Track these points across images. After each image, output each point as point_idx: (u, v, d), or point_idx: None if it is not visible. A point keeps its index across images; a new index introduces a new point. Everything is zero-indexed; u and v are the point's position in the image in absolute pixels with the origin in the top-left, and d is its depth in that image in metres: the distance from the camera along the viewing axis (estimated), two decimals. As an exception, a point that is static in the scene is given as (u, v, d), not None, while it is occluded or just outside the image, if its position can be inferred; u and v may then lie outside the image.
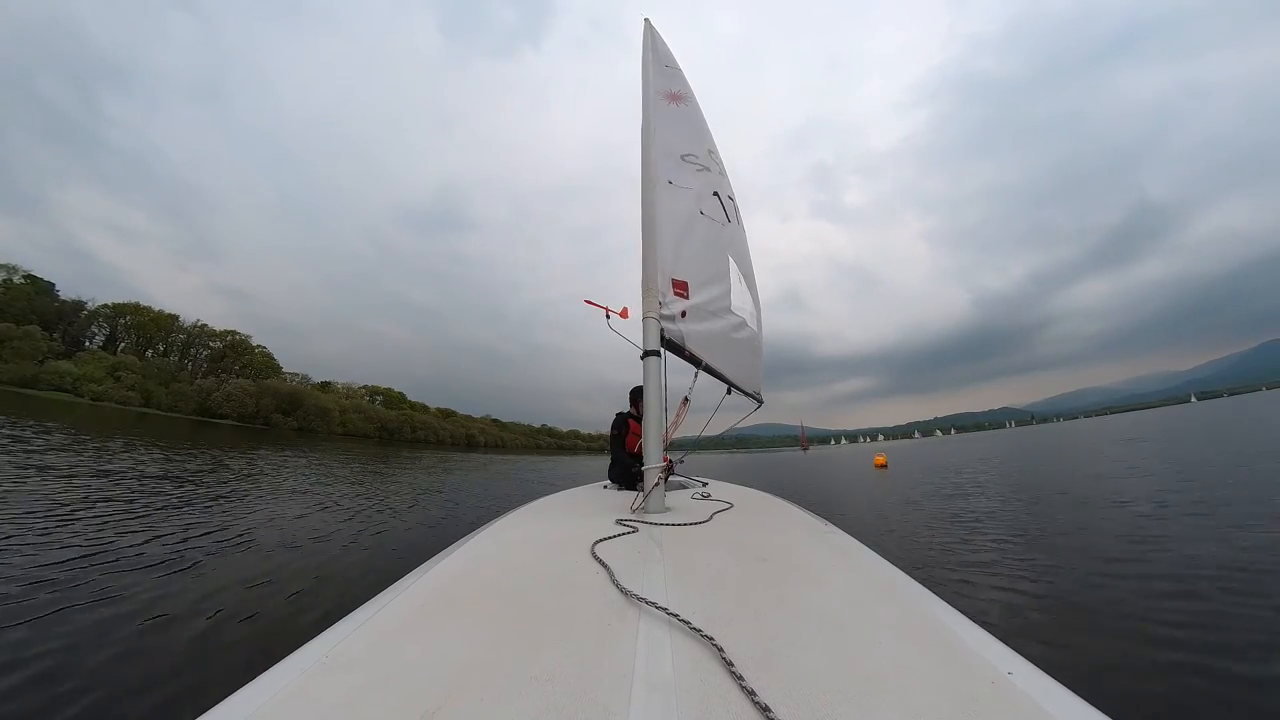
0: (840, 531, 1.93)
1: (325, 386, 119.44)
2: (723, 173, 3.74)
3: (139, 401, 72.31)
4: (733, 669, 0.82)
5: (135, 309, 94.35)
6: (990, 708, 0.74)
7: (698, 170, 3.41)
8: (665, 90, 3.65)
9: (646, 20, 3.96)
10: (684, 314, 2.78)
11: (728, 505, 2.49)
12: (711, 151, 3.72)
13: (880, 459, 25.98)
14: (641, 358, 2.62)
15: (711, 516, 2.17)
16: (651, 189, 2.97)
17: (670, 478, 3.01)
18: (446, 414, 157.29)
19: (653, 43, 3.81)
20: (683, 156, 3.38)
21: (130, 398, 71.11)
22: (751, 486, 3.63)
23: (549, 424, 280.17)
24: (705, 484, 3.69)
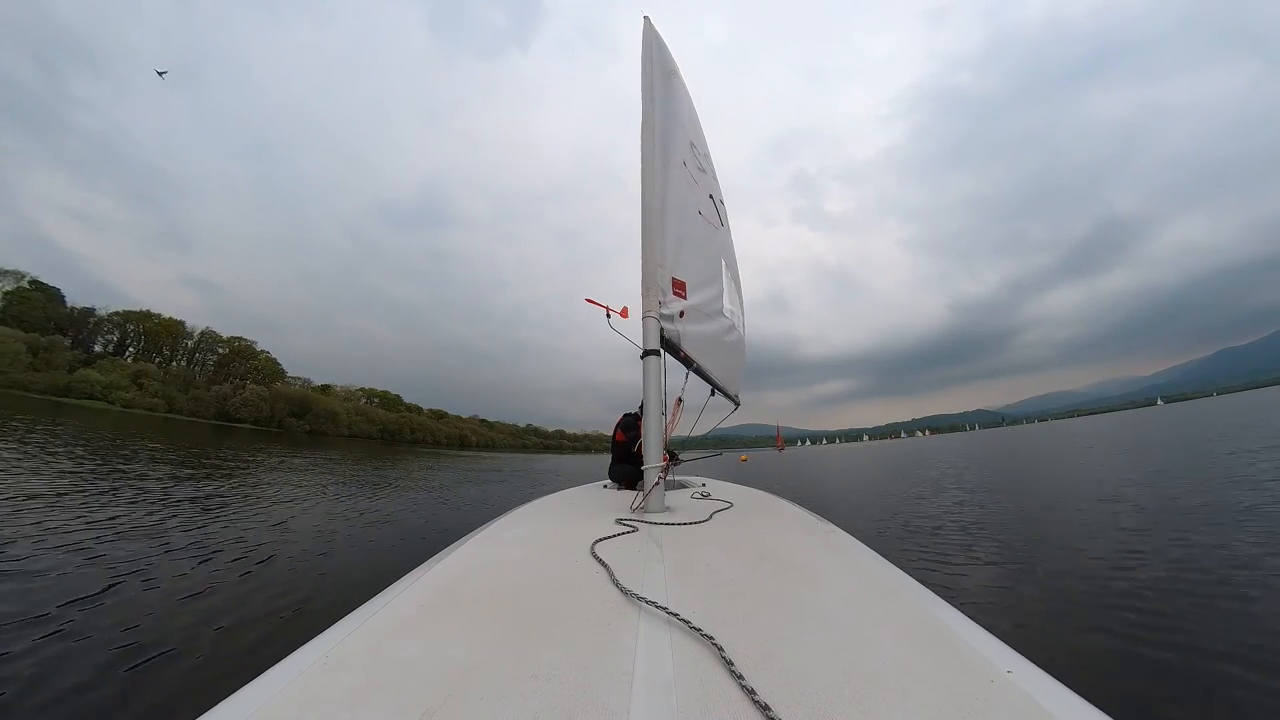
0: (840, 531, 1.94)
1: (326, 390, 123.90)
2: (715, 176, 3.80)
3: (164, 407, 74.75)
4: (732, 668, 0.82)
5: (145, 316, 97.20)
6: (989, 706, 0.74)
7: (697, 170, 3.42)
8: (666, 88, 3.56)
9: (646, 18, 3.90)
10: (682, 314, 2.78)
11: (727, 505, 2.50)
12: (706, 155, 3.76)
13: (744, 457, 39.95)
14: (641, 357, 2.60)
15: (711, 516, 2.17)
16: (652, 186, 2.88)
17: (670, 477, 3.07)
18: (439, 415, 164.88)
19: (653, 40, 3.72)
20: (683, 157, 3.33)
21: (156, 404, 73.62)
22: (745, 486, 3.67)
23: (534, 423, 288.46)
24: (704, 483, 3.69)
